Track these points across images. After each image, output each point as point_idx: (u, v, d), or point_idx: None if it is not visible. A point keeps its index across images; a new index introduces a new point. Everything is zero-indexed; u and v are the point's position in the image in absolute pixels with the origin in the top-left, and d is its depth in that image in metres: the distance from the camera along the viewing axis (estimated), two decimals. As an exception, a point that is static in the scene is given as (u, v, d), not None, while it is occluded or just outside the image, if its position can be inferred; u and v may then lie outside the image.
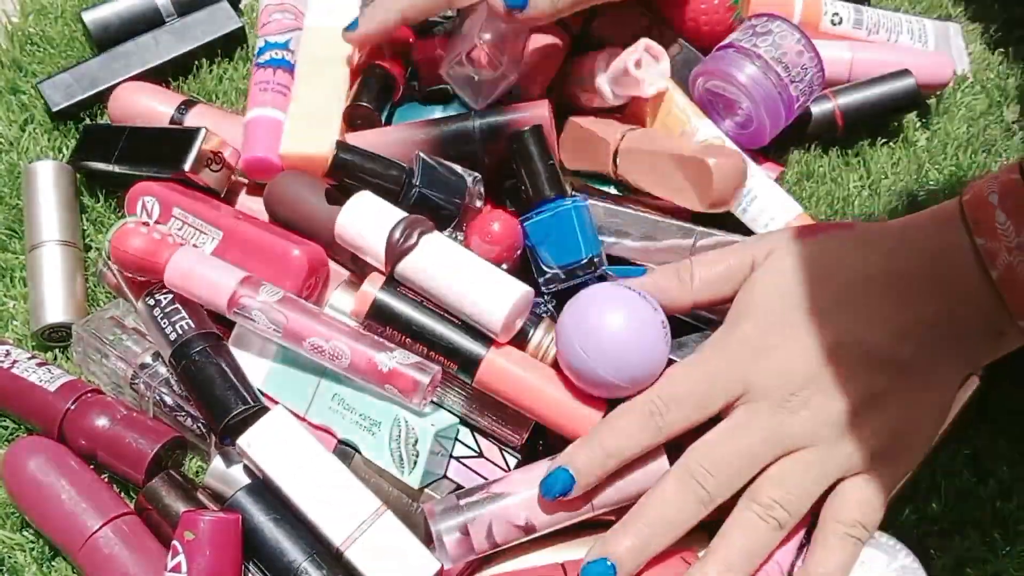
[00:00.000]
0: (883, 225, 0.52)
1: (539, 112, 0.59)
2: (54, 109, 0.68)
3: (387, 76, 0.61)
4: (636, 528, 0.49)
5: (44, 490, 0.53)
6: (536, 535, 0.51)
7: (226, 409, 0.53)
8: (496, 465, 0.54)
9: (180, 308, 0.56)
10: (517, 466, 0.55)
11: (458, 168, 0.58)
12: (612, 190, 0.62)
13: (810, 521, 0.50)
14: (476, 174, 0.58)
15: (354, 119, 0.61)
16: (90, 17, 0.71)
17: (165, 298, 0.56)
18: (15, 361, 0.57)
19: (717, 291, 0.53)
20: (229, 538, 0.50)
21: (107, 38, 0.71)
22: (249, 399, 0.53)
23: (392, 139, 0.60)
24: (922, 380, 0.49)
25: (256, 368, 0.56)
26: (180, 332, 0.55)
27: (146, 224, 0.56)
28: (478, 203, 0.58)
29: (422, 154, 0.57)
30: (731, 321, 0.52)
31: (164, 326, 0.55)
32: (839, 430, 0.49)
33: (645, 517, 0.49)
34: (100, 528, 0.52)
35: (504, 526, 0.51)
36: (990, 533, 0.55)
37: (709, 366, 0.51)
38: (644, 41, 0.60)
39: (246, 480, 0.53)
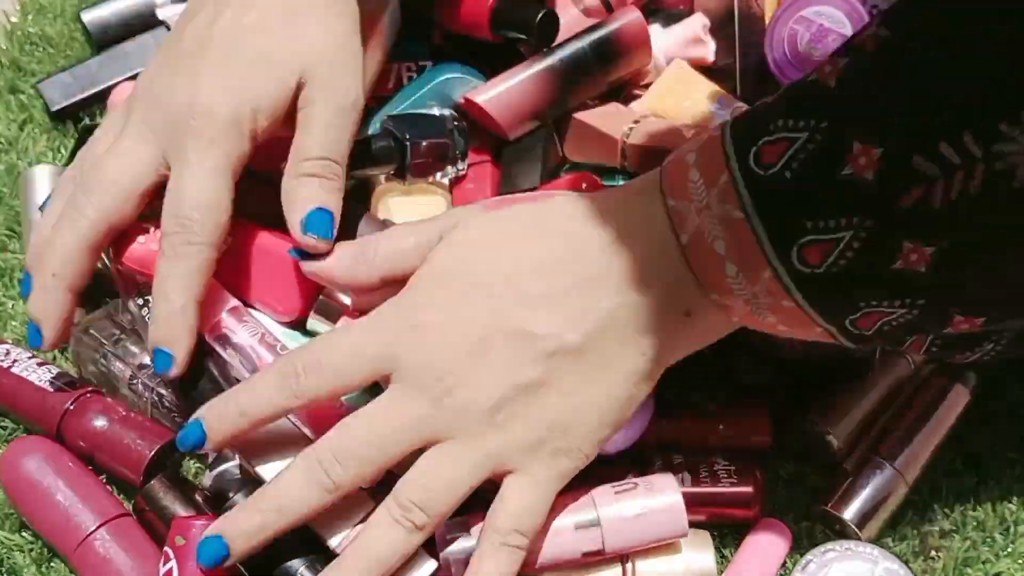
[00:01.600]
0: (578, 198, 0.48)
1: (634, 16, 0.61)
2: (53, 109, 0.68)
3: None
4: (253, 509, 0.47)
5: (40, 490, 0.53)
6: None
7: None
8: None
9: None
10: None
11: (426, 111, 0.58)
12: (620, 181, 0.62)
13: None
14: (446, 110, 0.59)
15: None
16: (89, 17, 0.71)
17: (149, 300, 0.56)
18: (15, 360, 0.57)
19: (402, 265, 0.49)
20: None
21: (106, 38, 0.71)
22: None
23: (517, 93, 0.60)
24: (589, 372, 0.46)
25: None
26: None
27: (145, 231, 0.55)
28: (460, 139, 0.59)
29: (389, 116, 0.58)
30: (401, 292, 0.48)
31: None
32: (486, 421, 0.45)
33: (264, 501, 0.47)
34: (96, 529, 0.52)
35: None
36: (990, 533, 0.55)
37: (358, 336, 0.47)
38: (700, 15, 0.63)
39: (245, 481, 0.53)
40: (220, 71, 0.50)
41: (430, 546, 0.51)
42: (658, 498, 0.50)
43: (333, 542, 0.50)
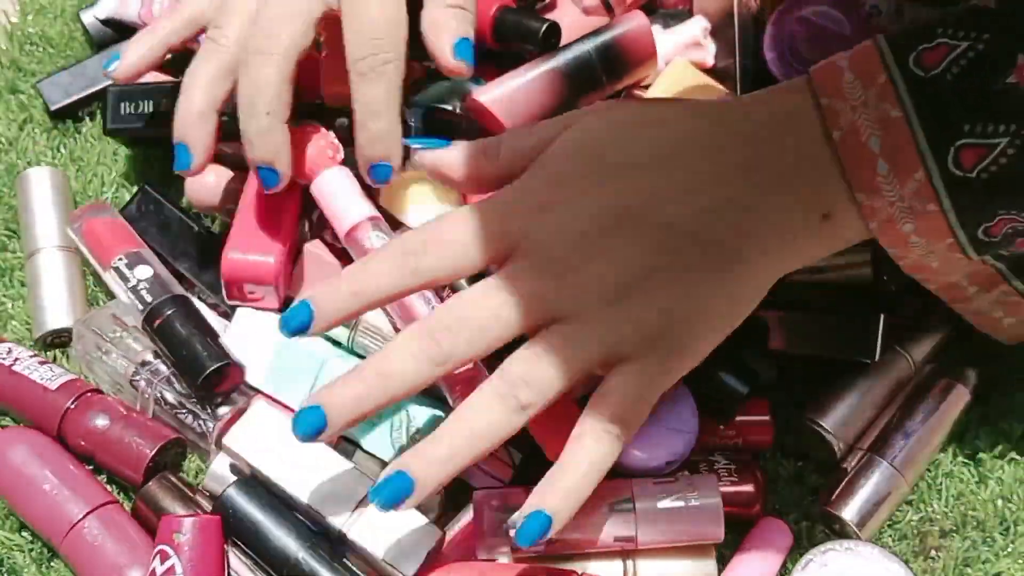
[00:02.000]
0: (719, 98, 0.49)
1: (641, 22, 0.61)
2: (52, 107, 0.68)
3: None
4: (360, 376, 0.44)
5: (27, 480, 0.53)
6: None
7: (201, 367, 0.53)
8: (498, 459, 0.54)
9: (141, 278, 0.56)
10: (521, 462, 0.54)
11: (444, 106, 0.59)
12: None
13: None
14: (458, 107, 0.59)
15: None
16: (89, 17, 0.71)
17: (127, 268, 0.56)
18: (16, 359, 0.57)
19: (524, 163, 0.47)
20: (214, 537, 0.50)
21: (106, 38, 0.71)
22: (220, 356, 0.54)
23: (523, 95, 0.60)
24: (719, 263, 0.44)
25: (256, 369, 0.56)
26: (147, 300, 0.55)
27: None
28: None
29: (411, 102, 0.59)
30: (525, 174, 0.47)
31: (129, 297, 0.56)
32: (606, 302, 0.44)
33: (368, 370, 0.44)
34: (84, 517, 0.52)
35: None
36: (990, 533, 0.55)
37: (482, 214, 0.46)
38: (700, 18, 0.63)
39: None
40: None
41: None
42: (698, 498, 0.50)
43: (337, 522, 0.50)
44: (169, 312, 0.55)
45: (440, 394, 0.53)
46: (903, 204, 0.43)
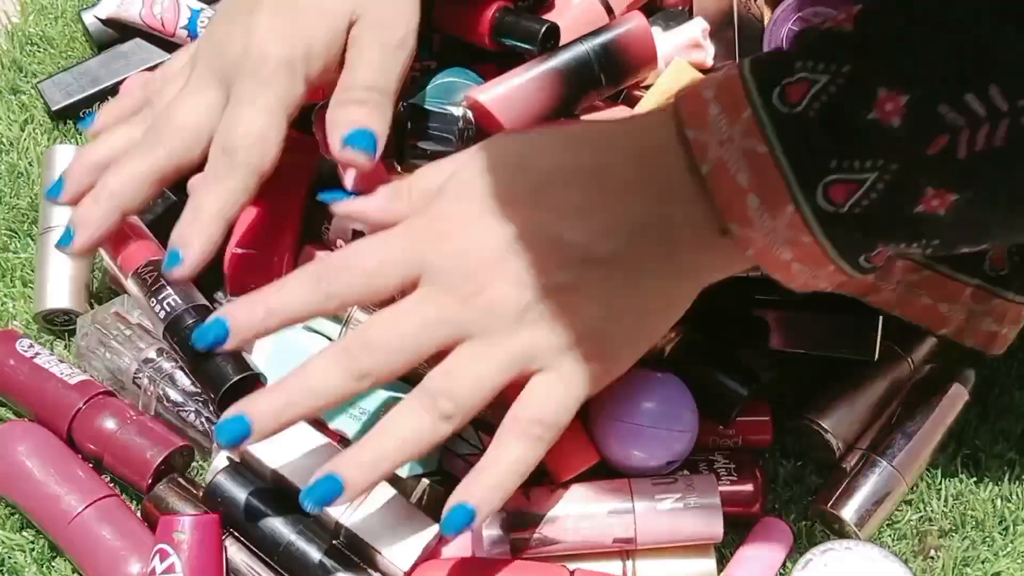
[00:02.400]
0: (598, 123, 0.50)
1: (640, 23, 0.61)
2: (54, 108, 0.68)
3: None
4: (280, 390, 0.46)
5: (28, 474, 0.53)
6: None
7: (223, 378, 0.53)
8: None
9: (165, 284, 0.55)
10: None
11: (440, 107, 0.59)
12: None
13: None
14: (460, 110, 0.59)
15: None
16: (89, 17, 0.71)
17: (150, 276, 0.56)
18: (37, 353, 0.57)
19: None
20: (214, 535, 0.51)
21: (107, 38, 0.71)
22: (242, 367, 0.54)
23: (523, 93, 0.60)
24: (623, 282, 0.46)
25: (257, 363, 0.56)
26: (169, 309, 0.55)
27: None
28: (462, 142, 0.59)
29: (405, 103, 0.59)
30: (430, 202, 0.49)
31: (152, 304, 0.55)
32: (515, 320, 0.46)
33: (292, 382, 0.46)
34: (84, 509, 0.52)
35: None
36: (989, 533, 0.55)
37: (387, 242, 0.48)
38: (700, 19, 0.64)
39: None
40: (274, 17, 0.51)
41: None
42: (696, 497, 0.51)
43: (335, 513, 0.50)
44: (191, 321, 0.55)
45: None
46: (777, 235, 0.43)
